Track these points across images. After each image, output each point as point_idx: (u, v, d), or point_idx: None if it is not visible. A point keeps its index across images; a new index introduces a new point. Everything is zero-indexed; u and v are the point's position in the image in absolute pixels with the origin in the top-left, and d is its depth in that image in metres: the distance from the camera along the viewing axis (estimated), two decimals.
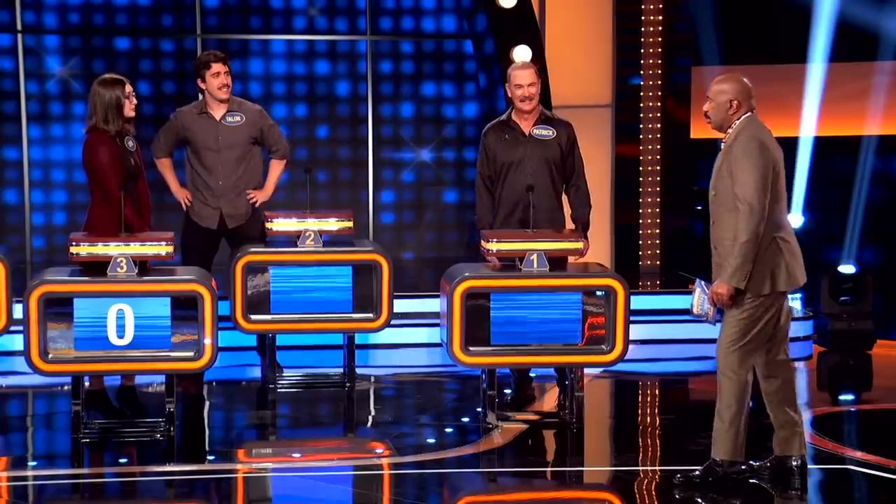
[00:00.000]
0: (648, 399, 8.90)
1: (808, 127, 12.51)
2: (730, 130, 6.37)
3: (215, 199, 8.66)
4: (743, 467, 6.52)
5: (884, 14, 12.28)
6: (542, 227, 7.81)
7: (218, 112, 8.64)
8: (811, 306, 10.99)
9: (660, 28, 12.03)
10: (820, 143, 12.61)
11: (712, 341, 9.84)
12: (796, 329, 10.44)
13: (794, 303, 11.53)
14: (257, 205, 8.69)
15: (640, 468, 7.03)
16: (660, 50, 12.03)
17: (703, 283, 6.16)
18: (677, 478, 6.54)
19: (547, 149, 8.12)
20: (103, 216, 7.79)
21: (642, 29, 11.99)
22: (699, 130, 12.64)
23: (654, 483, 6.81)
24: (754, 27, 12.52)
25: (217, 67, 8.56)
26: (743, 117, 6.36)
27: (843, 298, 10.53)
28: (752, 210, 6.19)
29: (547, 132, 8.16)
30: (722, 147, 6.41)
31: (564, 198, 8.28)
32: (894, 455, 6.99)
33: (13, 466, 7.06)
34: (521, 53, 11.24)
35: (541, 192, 7.91)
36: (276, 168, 8.83)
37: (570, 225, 8.26)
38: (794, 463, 6.56)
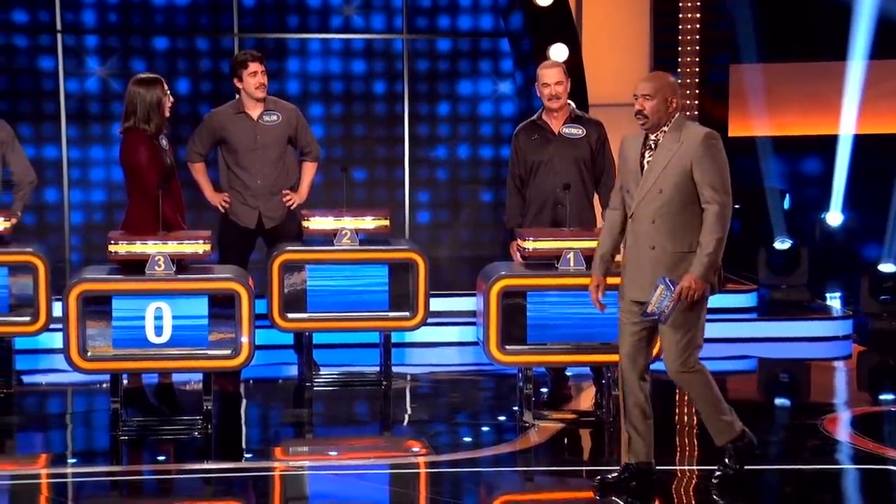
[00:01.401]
0: (686, 398, 8.86)
1: (847, 125, 12.44)
2: (664, 128, 6.21)
3: (253, 199, 8.68)
4: (746, 439, 6.46)
5: None
6: (571, 227, 7.80)
7: (255, 111, 8.66)
8: (851, 305, 10.93)
9: (697, 26, 11.98)
10: (860, 141, 12.54)
11: (747, 340, 9.84)
12: (836, 328, 10.41)
13: (834, 301, 11.48)
14: (293, 207, 8.71)
15: (678, 467, 7.01)
16: (697, 48, 11.99)
17: (668, 280, 6.10)
18: (714, 482, 6.49)
19: (576, 148, 8.11)
20: (142, 215, 7.82)
21: (679, 27, 11.95)
22: (737, 128, 12.60)
23: (692, 482, 6.79)
24: (792, 24, 12.47)
25: (254, 67, 8.58)
26: (677, 115, 6.28)
27: (882, 297, 10.46)
28: (726, 207, 6.15)
29: (577, 131, 8.15)
30: (655, 145, 6.21)
31: (596, 198, 8.27)
32: None
33: (53, 463, 7.12)
34: (558, 52, 11.22)
35: (570, 190, 7.90)
36: (310, 170, 8.84)
37: (600, 223, 8.24)
38: None
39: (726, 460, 6.47)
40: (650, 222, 6.18)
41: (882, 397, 9.08)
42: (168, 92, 7.91)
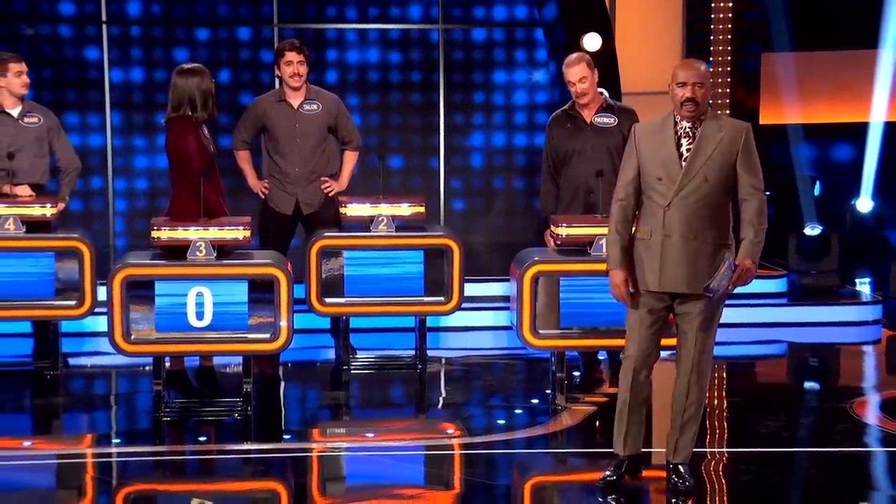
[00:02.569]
0: (715, 381, 8.85)
1: (878, 112, 12.36)
2: (702, 118, 6.03)
3: (292, 186, 8.72)
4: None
5: None
6: (603, 213, 7.78)
7: (296, 100, 8.69)
8: (880, 290, 10.88)
9: (730, 15, 11.93)
10: (890, 129, 12.45)
11: (778, 325, 9.79)
12: (865, 313, 10.37)
13: (864, 287, 11.42)
14: (332, 195, 8.74)
15: (708, 450, 7.00)
16: (729, 37, 11.93)
17: (731, 260, 6.06)
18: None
19: (608, 136, 8.09)
20: (187, 202, 7.82)
21: (712, 16, 11.90)
22: (768, 116, 12.54)
23: (721, 464, 6.78)
24: (824, 13, 12.38)
25: (290, 56, 8.61)
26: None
27: None
28: (765, 199, 6.09)
29: (609, 120, 8.13)
30: (692, 134, 6.00)
31: None
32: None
33: (97, 444, 7.17)
34: (591, 41, 11.19)
35: (602, 178, 7.87)
36: (351, 160, 8.86)
37: None
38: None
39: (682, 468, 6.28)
40: (692, 211, 5.98)
41: None
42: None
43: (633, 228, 6.15)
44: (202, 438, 7.23)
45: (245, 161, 8.81)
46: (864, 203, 12.66)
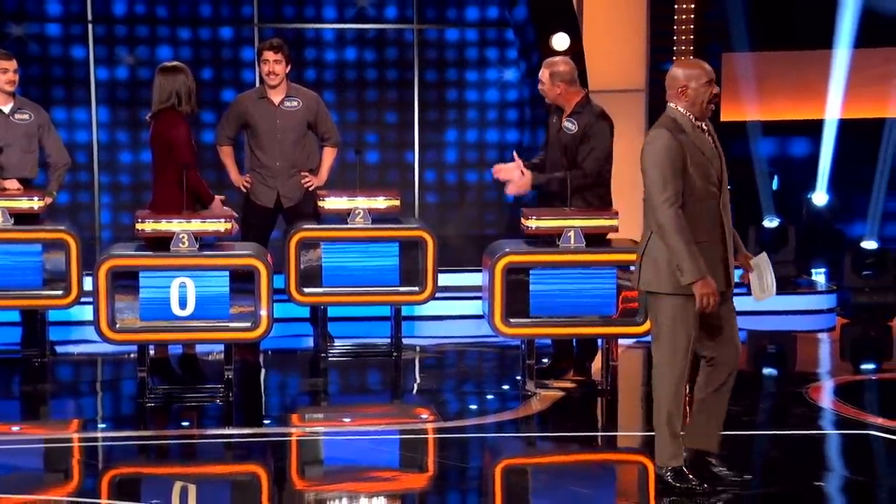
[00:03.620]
0: None
1: (833, 110, 12.39)
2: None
3: (273, 180, 8.68)
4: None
5: None
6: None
7: (277, 97, 8.65)
8: (835, 280, 10.91)
9: (692, 16, 11.93)
10: (845, 126, 12.49)
11: (741, 313, 9.81)
12: (820, 302, 10.40)
13: (819, 276, 11.46)
14: (311, 189, 8.70)
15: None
16: (691, 37, 11.94)
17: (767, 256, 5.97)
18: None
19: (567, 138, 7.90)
20: (170, 194, 7.74)
21: (675, 17, 11.90)
22: (729, 113, 12.56)
23: None
24: (781, 15, 12.40)
25: (267, 55, 8.57)
26: None
27: (865, 273, 10.44)
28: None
29: (571, 126, 7.87)
30: (706, 131, 5.77)
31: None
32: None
33: (84, 428, 7.14)
34: (560, 41, 11.17)
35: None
36: (329, 155, 8.83)
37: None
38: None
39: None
40: (726, 207, 5.77)
41: (863, 367, 9.07)
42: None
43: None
44: (185, 423, 7.19)
45: (227, 156, 8.78)
46: (820, 197, 12.70)
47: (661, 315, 5.69)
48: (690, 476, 5.76)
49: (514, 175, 7.77)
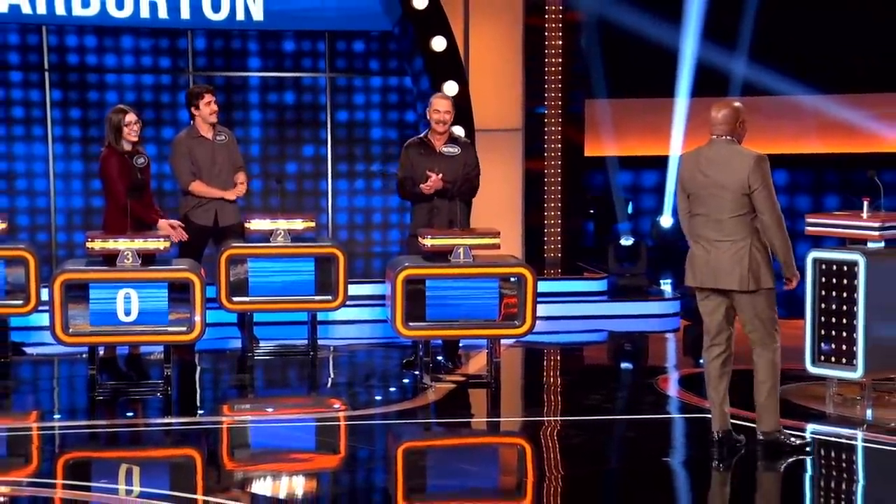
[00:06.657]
0: (552, 364, 8.95)
1: (676, 147, 12.65)
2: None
3: (211, 203, 8.51)
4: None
5: (732, 58, 12.47)
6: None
7: (209, 134, 8.55)
8: (679, 289, 11.09)
9: (560, 68, 12.09)
10: None
11: (600, 317, 9.89)
12: (667, 307, 10.57)
13: (666, 286, 11.65)
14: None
15: (546, 418, 7.08)
16: (559, 85, 12.10)
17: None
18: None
19: (453, 162, 7.99)
20: (115, 219, 7.72)
21: (546, 69, 12.04)
22: (591, 150, 12.75)
23: (556, 430, 6.85)
24: (634, 68, 12.62)
25: (209, 97, 8.48)
26: None
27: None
28: None
29: (454, 150, 8.04)
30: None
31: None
32: (738, 404, 6.97)
33: (41, 419, 7.00)
34: (450, 87, 11.22)
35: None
36: (243, 176, 8.69)
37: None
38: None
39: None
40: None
41: (701, 361, 9.19)
42: (132, 121, 7.80)
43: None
44: (130, 414, 7.09)
45: (202, 186, 8.48)
46: (666, 219, 12.95)
47: (769, 305, 5.96)
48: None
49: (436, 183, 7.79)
